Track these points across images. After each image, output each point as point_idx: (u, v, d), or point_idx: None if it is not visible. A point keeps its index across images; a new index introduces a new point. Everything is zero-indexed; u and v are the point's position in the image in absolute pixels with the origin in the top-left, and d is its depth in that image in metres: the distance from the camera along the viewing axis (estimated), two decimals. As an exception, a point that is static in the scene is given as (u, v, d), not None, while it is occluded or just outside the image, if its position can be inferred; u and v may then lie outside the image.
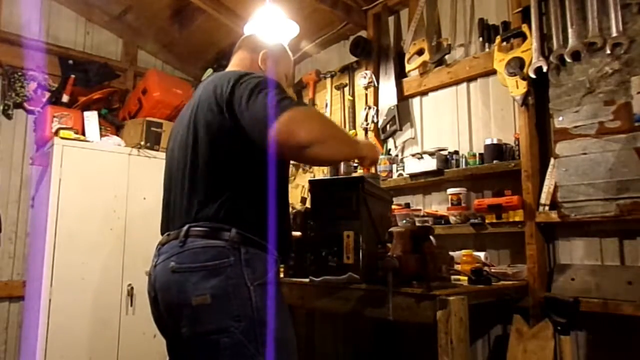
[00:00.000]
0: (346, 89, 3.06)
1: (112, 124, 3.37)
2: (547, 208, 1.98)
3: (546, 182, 2.01)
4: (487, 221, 2.14)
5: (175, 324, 1.28)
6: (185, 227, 1.29)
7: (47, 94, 3.32)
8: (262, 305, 1.23)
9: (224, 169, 1.30)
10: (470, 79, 2.43)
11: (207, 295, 1.20)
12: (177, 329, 1.27)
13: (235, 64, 1.57)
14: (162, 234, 1.42)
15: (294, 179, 3.36)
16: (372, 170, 2.14)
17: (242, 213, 1.28)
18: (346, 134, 1.51)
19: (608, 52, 1.84)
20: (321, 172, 3.15)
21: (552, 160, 2.01)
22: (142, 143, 3.14)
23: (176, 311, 1.26)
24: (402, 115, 2.69)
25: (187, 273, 1.24)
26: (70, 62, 3.43)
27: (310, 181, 1.76)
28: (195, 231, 1.27)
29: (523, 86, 2.07)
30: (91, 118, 3.20)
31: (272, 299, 1.26)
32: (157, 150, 3.18)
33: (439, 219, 2.34)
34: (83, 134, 3.10)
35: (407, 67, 2.66)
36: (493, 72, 2.26)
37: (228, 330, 1.19)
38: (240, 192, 1.30)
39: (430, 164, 2.36)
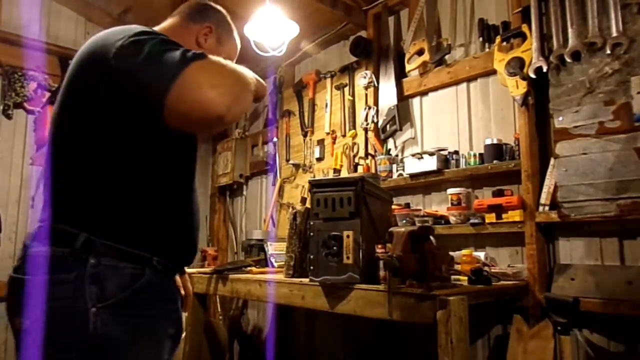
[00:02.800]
0: (346, 89, 3.06)
1: (112, 124, 3.37)
2: (547, 208, 1.98)
3: (546, 182, 2.01)
4: (487, 221, 2.14)
5: None
6: (36, 227, 1.02)
7: (47, 94, 3.32)
8: (106, 332, 0.93)
9: (88, 157, 0.99)
10: (470, 79, 2.43)
11: (27, 320, 0.94)
12: None
13: (160, 28, 1.23)
14: None
15: (294, 179, 3.37)
16: None
17: (102, 210, 0.98)
18: (243, 75, 1.01)
19: (608, 52, 1.84)
20: (321, 172, 3.15)
21: (552, 160, 2.01)
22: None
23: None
24: (402, 115, 2.69)
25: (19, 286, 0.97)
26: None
27: (310, 181, 1.77)
28: (42, 233, 0.99)
29: (523, 86, 2.07)
30: (91, 118, 3.20)
31: (127, 325, 0.97)
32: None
33: (439, 219, 2.34)
34: (83, 134, 3.09)
35: (407, 67, 2.66)
36: (493, 72, 2.26)
37: None
38: (107, 183, 0.99)
39: (430, 164, 2.36)
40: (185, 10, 1.28)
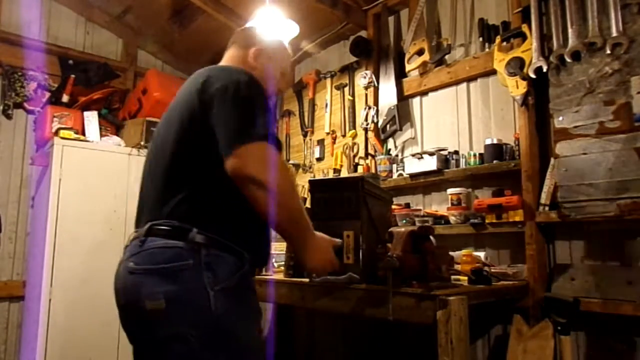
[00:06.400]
0: (346, 89, 3.06)
1: (112, 124, 3.37)
2: (547, 208, 1.98)
3: (546, 182, 2.01)
4: (487, 221, 2.14)
5: (135, 328, 1.24)
6: (148, 225, 1.22)
7: (47, 94, 3.32)
8: (223, 312, 1.14)
9: (193, 165, 1.24)
10: (470, 79, 2.43)
11: (162, 300, 1.12)
12: (137, 333, 1.23)
13: (226, 60, 1.50)
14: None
15: (294, 179, 3.36)
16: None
17: (208, 211, 1.21)
18: (303, 209, 1.26)
19: (608, 52, 1.84)
20: (321, 172, 3.15)
21: (552, 160, 2.01)
22: (142, 143, 3.14)
23: (133, 314, 1.21)
24: (402, 115, 2.69)
25: (143, 275, 1.17)
26: (70, 62, 3.43)
27: (310, 181, 1.77)
28: (156, 230, 1.20)
29: (523, 86, 2.07)
30: (91, 118, 3.20)
31: (237, 304, 1.19)
32: (157, 150, 3.18)
33: (439, 219, 2.34)
34: (83, 134, 3.09)
35: (407, 67, 2.66)
36: (493, 72, 2.26)
37: (184, 337, 1.12)
38: (209, 190, 1.22)
39: (430, 164, 2.36)
40: (238, 40, 1.51)
